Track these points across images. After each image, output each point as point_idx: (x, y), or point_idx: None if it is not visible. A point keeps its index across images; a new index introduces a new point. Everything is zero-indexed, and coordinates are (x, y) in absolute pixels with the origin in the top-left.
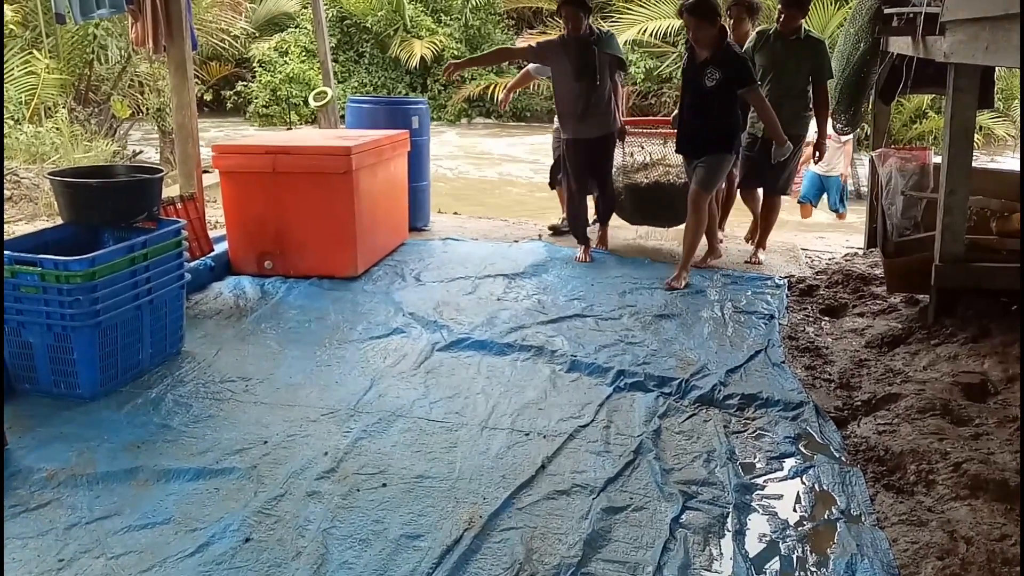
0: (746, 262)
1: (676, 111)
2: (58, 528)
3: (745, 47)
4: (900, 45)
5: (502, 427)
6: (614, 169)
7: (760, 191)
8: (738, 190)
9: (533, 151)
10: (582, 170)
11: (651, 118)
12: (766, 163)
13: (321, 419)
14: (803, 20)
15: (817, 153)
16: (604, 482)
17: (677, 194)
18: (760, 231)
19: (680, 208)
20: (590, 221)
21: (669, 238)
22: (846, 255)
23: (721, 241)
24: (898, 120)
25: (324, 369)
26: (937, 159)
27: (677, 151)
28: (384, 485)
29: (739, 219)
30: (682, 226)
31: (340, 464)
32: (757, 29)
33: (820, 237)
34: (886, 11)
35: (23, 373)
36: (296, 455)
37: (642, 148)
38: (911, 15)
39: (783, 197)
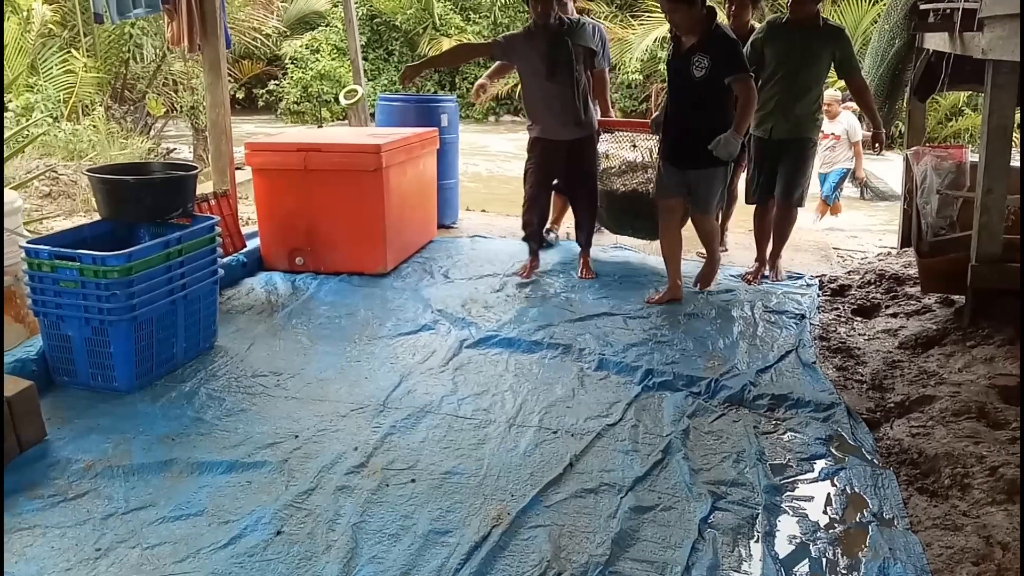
0: (758, 276)
1: (657, 113)
2: (95, 518)
3: (753, 38)
4: (936, 41)
5: (530, 424)
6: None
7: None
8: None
9: None
10: (550, 175)
11: (633, 120)
12: (777, 167)
13: (351, 414)
14: (818, 8)
15: (877, 145)
16: (632, 481)
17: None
18: (773, 243)
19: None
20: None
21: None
22: (879, 254)
23: (723, 248)
24: (933, 117)
25: (354, 365)
26: (973, 157)
27: (662, 159)
28: (413, 481)
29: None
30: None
31: (370, 459)
32: (768, 18)
33: (852, 236)
34: (922, 7)
35: (62, 366)
36: (326, 450)
37: (634, 147)
38: (948, 10)
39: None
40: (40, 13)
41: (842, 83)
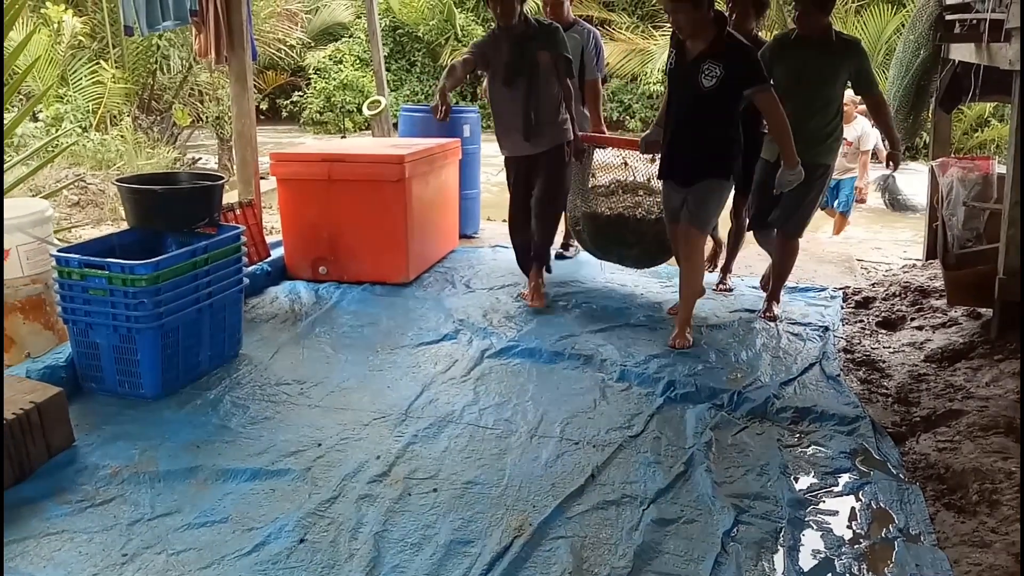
0: (762, 315)
1: (648, 130)
2: (122, 524)
3: (760, 54)
4: (962, 52)
5: (552, 435)
6: (572, 194)
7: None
8: (750, 230)
9: None
10: (520, 192)
11: (622, 138)
12: (784, 194)
13: (373, 423)
14: (829, 20)
15: (892, 164)
16: (655, 493)
17: (646, 232)
18: (772, 279)
19: (652, 248)
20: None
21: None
22: (904, 266)
23: (731, 288)
24: (959, 128)
25: (376, 374)
26: (1001, 169)
27: (660, 177)
28: (435, 490)
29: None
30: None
31: (392, 468)
32: (777, 33)
33: (876, 248)
34: (948, 17)
35: (90, 373)
36: (349, 458)
37: (626, 166)
38: (974, 21)
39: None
40: (70, 25)
41: None
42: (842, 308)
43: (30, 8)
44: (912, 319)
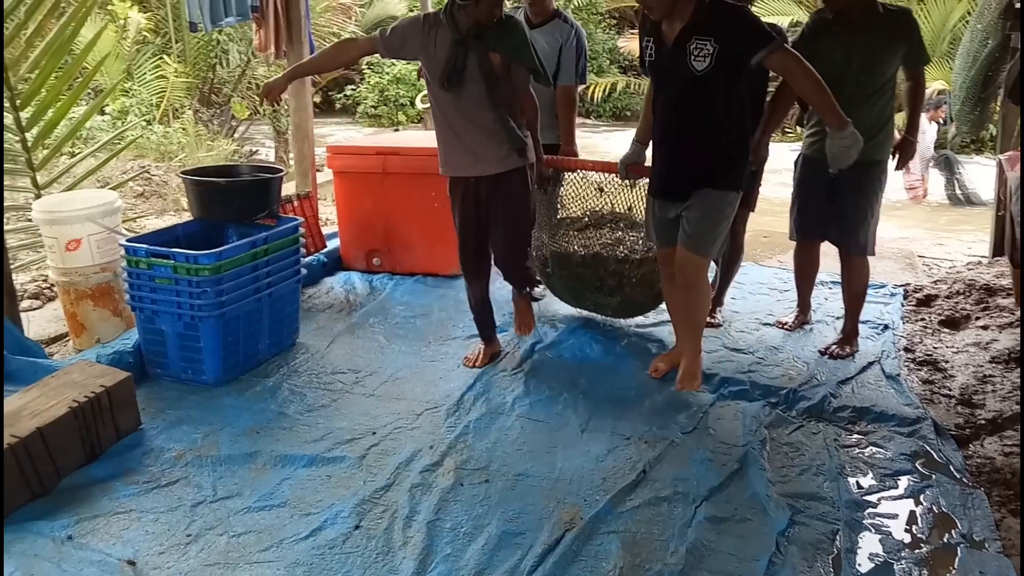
0: (833, 353)
1: (628, 151)
2: (186, 505)
3: (800, 36)
4: None
5: (603, 430)
6: (538, 228)
7: (827, 249)
8: (794, 240)
9: None
10: (469, 225)
11: (592, 160)
12: (832, 199)
13: (426, 413)
14: None
15: (899, 156)
16: (708, 491)
17: (629, 275)
18: (846, 310)
19: (636, 295)
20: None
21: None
22: (968, 263)
23: (720, 323)
24: None
25: (429, 364)
26: None
27: (650, 193)
28: (487, 481)
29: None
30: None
31: (444, 458)
32: (812, 14)
33: (939, 244)
34: (1017, 6)
35: (155, 359)
36: (403, 447)
37: (601, 192)
38: None
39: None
40: (136, 21)
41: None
42: (903, 306)
43: (99, 5)
44: (977, 318)
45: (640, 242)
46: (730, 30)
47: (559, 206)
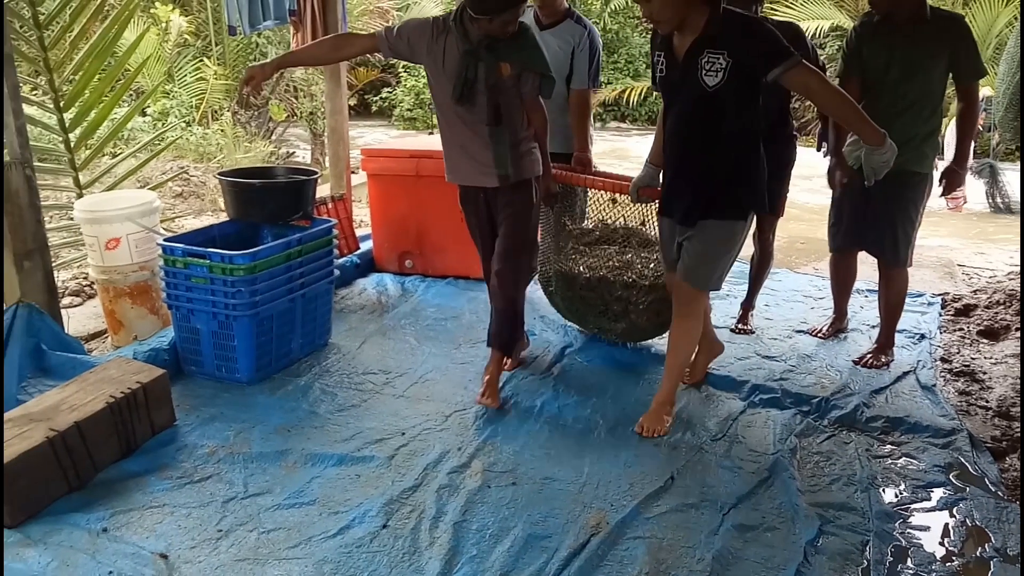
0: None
1: (641, 172)
2: (217, 501)
3: (847, 41)
4: None
5: (631, 435)
6: (543, 244)
7: (864, 257)
8: (833, 251)
9: None
10: (477, 236)
11: (604, 177)
12: (869, 210)
13: (454, 415)
14: None
15: (945, 182)
16: (736, 498)
17: (636, 302)
18: (882, 320)
19: (642, 323)
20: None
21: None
22: (1009, 273)
23: (752, 330)
24: None
25: (459, 367)
26: None
27: (660, 213)
28: (514, 484)
29: None
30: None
31: (472, 460)
32: (859, 19)
33: (979, 252)
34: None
35: (190, 356)
36: (431, 448)
37: (615, 203)
38: None
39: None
40: (177, 24)
41: None
42: (940, 315)
43: (141, 8)
44: (1017, 329)
45: (652, 265)
46: (745, 44)
47: (567, 219)
